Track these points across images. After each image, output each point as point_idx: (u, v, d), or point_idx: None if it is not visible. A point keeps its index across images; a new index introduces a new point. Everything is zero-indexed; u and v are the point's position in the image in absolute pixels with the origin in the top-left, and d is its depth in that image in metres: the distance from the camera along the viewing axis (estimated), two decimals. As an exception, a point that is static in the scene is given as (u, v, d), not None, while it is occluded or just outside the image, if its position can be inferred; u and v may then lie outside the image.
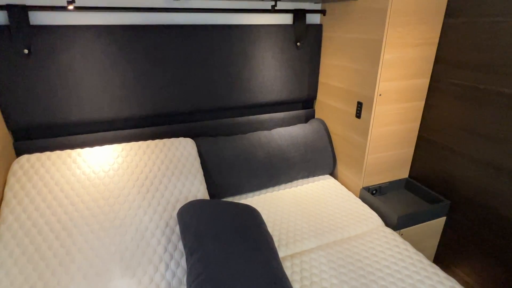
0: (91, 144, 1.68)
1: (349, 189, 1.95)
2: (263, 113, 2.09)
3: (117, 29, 1.55)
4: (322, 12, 1.95)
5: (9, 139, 1.53)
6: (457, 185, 1.68)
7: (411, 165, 1.94)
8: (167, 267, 1.21)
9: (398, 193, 1.91)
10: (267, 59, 1.91)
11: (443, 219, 1.75)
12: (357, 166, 1.84)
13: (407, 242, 1.44)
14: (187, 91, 1.79)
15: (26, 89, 1.48)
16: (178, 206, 1.43)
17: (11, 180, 1.35)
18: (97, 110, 1.64)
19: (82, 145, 1.66)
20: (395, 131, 1.77)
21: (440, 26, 1.63)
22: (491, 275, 1.56)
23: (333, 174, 2.11)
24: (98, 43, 1.53)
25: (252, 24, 1.82)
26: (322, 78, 2.09)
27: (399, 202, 1.81)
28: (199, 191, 1.54)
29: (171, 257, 1.25)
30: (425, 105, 1.79)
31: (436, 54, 1.68)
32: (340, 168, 2.02)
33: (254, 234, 1.12)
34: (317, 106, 2.20)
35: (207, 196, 1.55)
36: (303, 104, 2.21)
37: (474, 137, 1.56)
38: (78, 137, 1.65)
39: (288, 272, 1.27)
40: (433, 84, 1.73)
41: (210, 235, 1.10)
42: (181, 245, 1.30)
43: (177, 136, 1.85)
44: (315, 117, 2.23)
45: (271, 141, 1.89)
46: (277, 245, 1.42)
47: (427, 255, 1.84)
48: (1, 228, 1.21)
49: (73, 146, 1.65)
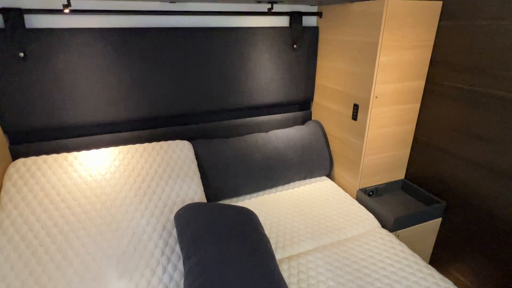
0: (88, 147, 1.67)
1: (346, 191, 1.96)
2: (260, 115, 2.09)
3: (113, 32, 1.54)
4: (319, 14, 1.95)
5: (4, 142, 1.53)
6: (452, 186, 1.69)
7: (407, 166, 1.96)
8: (164, 270, 1.21)
9: (395, 194, 1.92)
10: (263, 61, 1.91)
11: (439, 220, 1.76)
12: (353, 167, 1.85)
13: (403, 244, 1.46)
14: (183, 94, 1.78)
15: (22, 92, 1.47)
16: (176, 209, 1.43)
17: (7, 184, 1.35)
18: (94, 113, 1.63)
19: (78, 148, 1.66)
20: (391, 133, 1.78)
21: (435, 29, 1.64)
22: (486, 275, 1.58)
23: (330, 175, 2.12)
24: (94, 46, 1.53)
25: (249, 26, 1.83)
26: (318, 80, 2.10)
27: (395, 203, 1.82)
28: (196, 193, 1.54)
29: (169, 260, 1.25)
30: (420, 107, 1.80)
31: (432, 57, 1.70)
32: (337, 170, 2.03)
33: (251, 237, 1.13)
34: (314, 108, 2.21)
35: (204, 199, 1.55)
36: (300, 105, 2.22)
37: (469, 138, 1.57)
38: (75, 140, 1.65)
39: (285, 275, 1.28)
40: (429, 87, 1.74)
41: (207, 238, 1.10)
42: (178, 248, 1.30)
43: (174, 138, 1.85)
44: (312, 118, 2.24)
45: (268, 143, 1.90)
46: (274, 247, 1.43)
47: (423, 256, 1.86)
48: (-3, 233, 1.20)
49: (69, 149, 1.64)
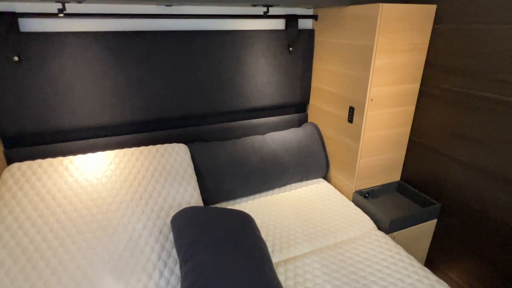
0: (84, 151, 1.67)
1: (342, 193, 1.97)
2: (256, 118, 2.09)
3: (109, 35, 1.54)
4: (314, 17, 1.96)
5: (-1, 146, 1.52)
6: (447, 188, 1.71)
7: (403, 168, 1.97)
8: (161, 274, 1.21)
9: (390, 196, 1.93)
10: (260, 64, 1.92)
11: (434, 221, 1.78)
12: (349, 169, 1.86)
13: (399, 246, 1.47)
14: (180, 97, 1.78)
15: (16, 96, 1.46)
16: (172, 213, 1.43)
17: (1, 189, 1.34)
18: (89, 117, 1.63)
19: (74, 152, 1.65)
20: (386, 135, 1.79)
21: (430, 32, 1.66)
22: (481, 276, 1.59)
23: (326, 177, 2.13)
24: (90, 49, 1.52)
25: (245, 29, 1.83)
26: (314, 83, 2.10)
27: (391, 205, 1.83)
28: (193, 197, 1.54)
29: (165, 264, 1.25)
30: (415, 109, 1.82)
31: (426, 60, 1.71)
32: (333, 172, 2.04)
33: (247, 242, 1.13)
34: (310, 110, 2.21)
35: (200, 202, 1.55)
36: (296, 108, 2.23)
37: (463, 141, 1.59)
38: (70, 144, 1.64)
39: (282, 278, 1.28)
40: (424, 89, 1.76)
41: (204, 243, 1.10)
42: (175, 252, 1.29)
43: (170, 141, 1.85)
44: (308, 121, 2.25)
45: (264, 145, 1.90)
46: (271, 250, 1.43)
47: (419, 258, 1.87)
48: (-8, 238, 1.20)
49: (65, 153, 1.63)
